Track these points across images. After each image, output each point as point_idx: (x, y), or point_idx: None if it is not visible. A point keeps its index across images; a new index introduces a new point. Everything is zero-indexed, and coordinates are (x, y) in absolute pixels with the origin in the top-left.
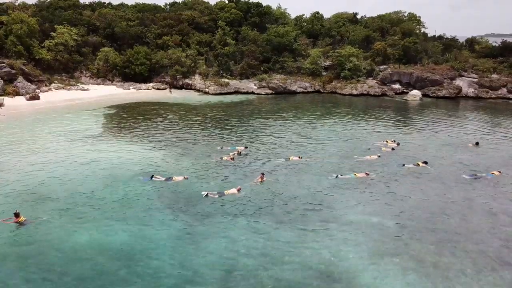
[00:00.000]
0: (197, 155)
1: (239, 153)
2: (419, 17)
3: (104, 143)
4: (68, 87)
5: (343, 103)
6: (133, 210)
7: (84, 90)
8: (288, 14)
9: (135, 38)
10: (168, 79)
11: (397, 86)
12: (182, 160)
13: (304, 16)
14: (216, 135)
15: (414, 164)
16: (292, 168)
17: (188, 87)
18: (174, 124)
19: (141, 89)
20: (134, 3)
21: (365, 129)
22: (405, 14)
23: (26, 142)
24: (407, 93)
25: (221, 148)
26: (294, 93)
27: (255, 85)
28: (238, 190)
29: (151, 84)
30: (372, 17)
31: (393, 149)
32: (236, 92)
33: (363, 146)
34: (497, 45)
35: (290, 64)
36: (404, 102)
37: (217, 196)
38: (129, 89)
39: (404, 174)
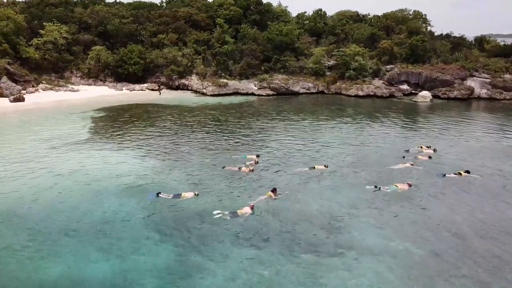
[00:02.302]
0: (198, 164)
1: (257, 162)
2: (425, 15)
3: (90, 150)
4: (57, 87)
5: (350, 104)
6: (120, 234)
7: (74, 91)
8: (289, 12)
9: (129, 36)
10: (163, 79)
11: (405, 86)
12: (180, 170)
13: (306, 14)
14: (216, 140)
15: (455, 174)
16: (316, 178)
17: (185, 87)
18: (169, 129)
19: (134, 90)
20: (129, 1)
21: (384, 133)
22: (410, 13)
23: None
24: (416, 94)
25: (231, 156)
26: (297, 94)
27: (255, 85)
28: (251, 208)
29: (145, 85)
30: (377, 16)
31: (430, 157)
32: (235, 93)
33: (390, 153)
34: (505, 44)
35: (292, 63)
36: (414, 103)
37: (229, 217)
38: (121, 90)
39: (446, 186)
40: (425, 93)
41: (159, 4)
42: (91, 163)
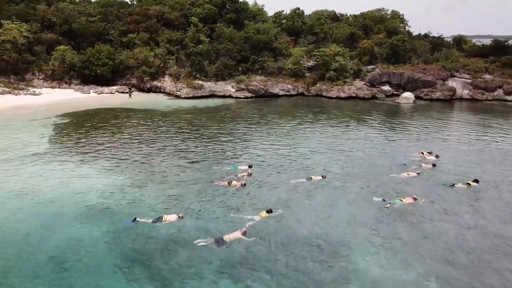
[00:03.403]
0: (178, 178)
1: (250, 174)
2: (402, 15)
3: (48, 163)
4: (16, 91)
5: (332, 107)
6: (82, 270)
7: (36, 94)
8: (265, 11)
9: (97, 36)
10: (134, 81)
11: (387, 87)
12: (156, 186)
13: (283, 13)
14: (195, 149)
15: (464, 184)
16: (313, 191)
17: (157, 90)
18: (141, 136)
19: (103, 93)
20: None
21: (372, 137)
22: (388, 12)
23: None
24: (398, 95)
25: (220, 168)
26: (276, 96)
27: (232, 87)
28: (244, 234)
29: (114, 87)
30: (354, 15)
31: (434, 165)
32: (212, 95)
33: (385, 160)
34: (483, 44)
35: (270, 64)
36: (397, 105)
37: (215, 245)
38: (89, 93)
39: (455, 200)
40: (408, 94)
41: (129, 2)
42: (49, 179)
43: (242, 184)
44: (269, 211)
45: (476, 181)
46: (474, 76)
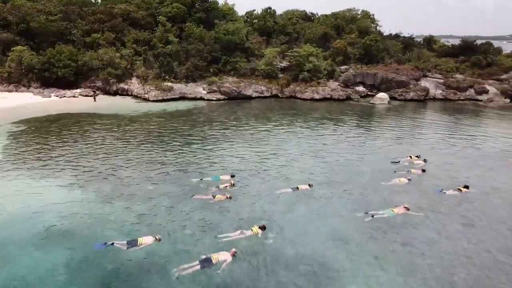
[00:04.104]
0: (150, 192)
1: (232, 185)
2: (373, 15)
3: (0, 178)
4: None
5: (307, 109)
6: None
7: None
8: (236, 11)
9: (58, 36)
10: (99, 83)
11: (361, 88)
12: (126, 202)
13: (255, 12)
14: (167, 157)
15: (455, 190)
16: (300, 202)
17: (124, 92)
18: (106, 144)
19: (65, 96)
20: None
21: (352, 141)
22: (359, 12)
23: None
24: (372, 95)
25: (200, 179)
26: (249, 98)
27: (204, 89)
28: (233, 255)
29: (78, 90)
30: (325, 15)
31: (423, 170)
32: (182, 97)
33: (369, 165)
34: (453, 44)
35: (242, 65)
36: (372, 106)
37: (199, 266)
38: (50, 96)
39: (448, 209)
40: (383, 95)
41: (93, 1)
42: (2, 196)
43: (227, 197)
44: (263, 228)
45: (467, 187)
46: (446, 76)
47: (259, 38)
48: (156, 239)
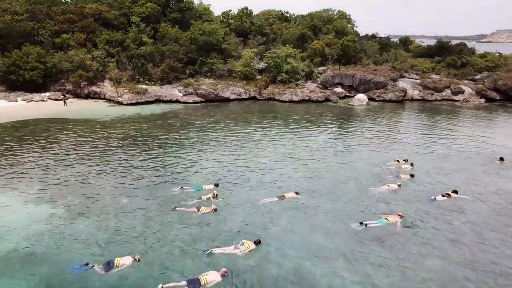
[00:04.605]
0: (125, 206)
1: (216, 196)
2: (349, 15)
3: None
4: None
5: (286, 111)
6: None
7: None
8: (211, 11)
9: (24, 36)
10: (69, 86)
11: (339, 89)
12: (98, 218)
13: (231, 12)
14: (143, 166)
15: (443, 195)
16: (285, 212)
17: (96, 96)
18: (76, 153)
19: (33, 100)
20: None
21: (334, 145)
22: (335, 13)
23: None
24: (350, 97)
25: (181, 188)
26: (227, 100)
27: (180, 91)
28: (223, 275)
29: (47, 94)
30: (302, 15)
31: (412, 175)
32: (157, 100)
33: (354, 170)
34: (428, 45)
35: (219, 66)
36: (352, 107)
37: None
38: (16, 101)
39: (442, 216)
40: (361, 96)
41: (62, 0)
42: None
43: (212, 209)
44: (257, 242)
45: (455, 191)
46: (422, 76)
47: (236, 38)
48: (135, 259)
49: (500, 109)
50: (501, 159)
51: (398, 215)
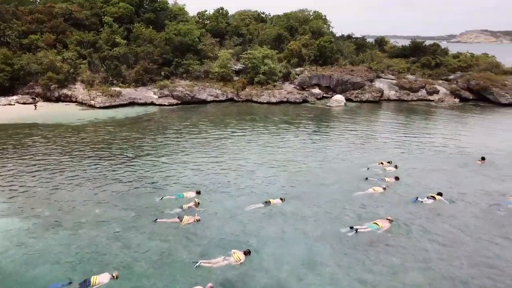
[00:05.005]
0: (99, 217)
1: (197, 204)
2: (325, 16)
3: None
4: None
5: (264, 113)
6: None
7: None
8: (186, 11)
9: None
10: (39, 89)
11: (317, 90)
12: (71, 231)
13: (206, 13)
14: (118, 173)
15: (428, 198)
16: (272, 220)
17: (67, 99)
18: (46, 161)
19: (0, 104)
20: None
21: (314, 147)
22: (311, 13)
23: None
24: (328, 97)
25: (161, 199)
26: (204, 102)
27: (155, 93)
28: None
29: (14, 98)
30: (278, 15)
31: (397, 178)
32: (132, 103)
33: (339, 174)
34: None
35: (196, 67)
36: (329, 108)
37: None
38: None
39: (429, 220)
40: (339, 97)
41: None
42: None
43: (195, 219)
44: (247, 252)
45: (440, 194)
46: (398, 76)
47: (212, 39)
48: (113, 276)
49: (474, 108)
50: (483, 158)
51: (388, 219)
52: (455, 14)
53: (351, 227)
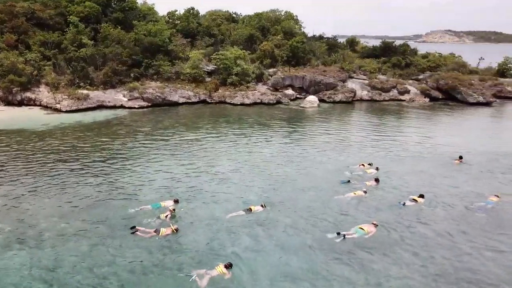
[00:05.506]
0: (68, 230)
1: (172, 212)
2: (296, 16)
3: None
4: None
5: (238, 115)
6: None
7: None
8: (156, 11)
9: None
10: None
11: (290, 91)
12: (37, 248)
13: (177, 13)
14: (84, 184)
15: (410, 201)
16: (253, 229)
17: (31, 102)
18: (6, 170)
19: None
20: None
21: (291, 149)
22: (282, 13)
23: None
24: (301, 98)
25: (137, 210)
26: (176, 104)
27: (124, 96)
28: None
29: None
30: (249, 16)
31: (377, 180)
32: (100, 106)
33: (316, 177)
34: (374, 45)
35: (166, 68)
36: (303, 110)
37: None
38: None
39: (415, 222)
40: (312, 98)
41: None
42: None
43: (173, 229)
44: (228, 266)
45: (422, 196)
46: (370, 77)
47: (182, 40)
48: None
49: (444, 107)
50: (460, 158)
51: (373, 224)
52: (419, 14)
53: (338, 233)
